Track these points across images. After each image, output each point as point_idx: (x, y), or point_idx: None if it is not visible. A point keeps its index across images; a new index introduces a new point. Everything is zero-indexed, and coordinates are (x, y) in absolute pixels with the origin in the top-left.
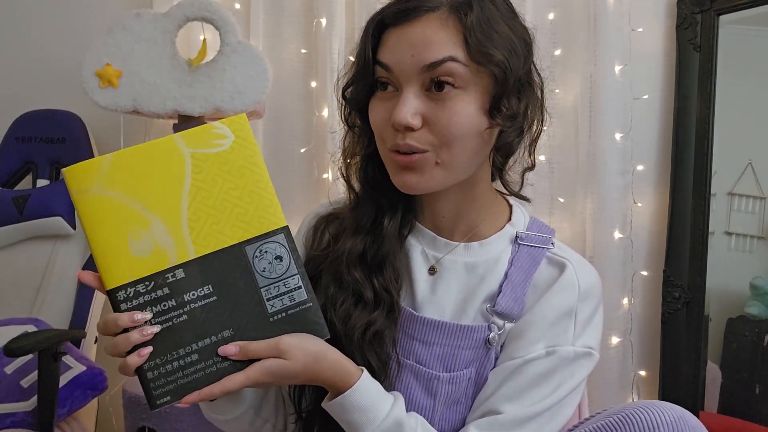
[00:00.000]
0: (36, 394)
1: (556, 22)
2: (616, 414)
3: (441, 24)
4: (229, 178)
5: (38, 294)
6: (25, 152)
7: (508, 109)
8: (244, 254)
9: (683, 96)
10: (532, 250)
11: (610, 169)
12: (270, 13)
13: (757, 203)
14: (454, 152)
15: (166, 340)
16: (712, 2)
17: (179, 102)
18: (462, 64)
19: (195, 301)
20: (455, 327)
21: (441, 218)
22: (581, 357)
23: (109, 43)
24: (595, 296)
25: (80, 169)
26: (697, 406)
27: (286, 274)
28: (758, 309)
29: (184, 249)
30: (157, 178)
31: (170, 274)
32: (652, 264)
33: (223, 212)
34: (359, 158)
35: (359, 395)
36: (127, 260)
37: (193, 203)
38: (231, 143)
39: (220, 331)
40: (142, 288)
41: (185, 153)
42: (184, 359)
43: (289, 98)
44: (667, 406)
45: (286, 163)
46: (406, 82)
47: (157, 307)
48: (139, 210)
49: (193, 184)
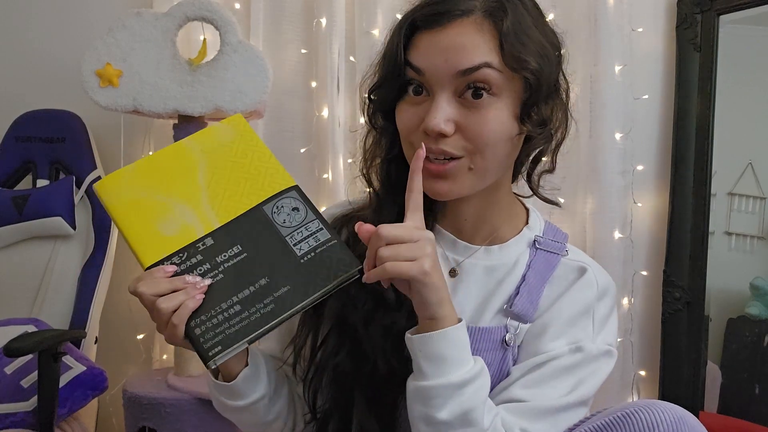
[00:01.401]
0: (36, 395)
1: (556, 22)
2: (616, 413)
3: (476, 29)
4: (237, 160)
5: (38, 294)
6: (24, 152)
7: (537, 115)
8: (263, 213)
9: (683, 96)
10: (549, 256)
11: (610, 169)
12: (270, 13)
13: (757, 203)
14: (487, 159)
15: (208, 298)
16: (713, 2)
17: (179, 102)
18: (497, 70)
19: (227, 261)
20: (474, 330)
21: (463, 221)
22: (603, 355)
23: (110, 42)
24: (611, 297)
25: (108, 181)
26: (697, 406)
27: (305, 220)
28: (758, 309)
29: (209, 221)
30: (174, 173)
31: (200, 243)
32: (652, 264)
33: (237, 186)
34: (381, 159)
35: (464, 332)
36: (159, 241)
37: (210, 185)
38: (233, 136)
39: (256, 281)
40: (177, 259)
41: (195, 150)
42: (227, 311)
43: (289, 98)
44: (666, 406)
45: (286, 163)
46: (439, 87)
47: (193, 272)
48: (163, 200)
49: (206, 171)
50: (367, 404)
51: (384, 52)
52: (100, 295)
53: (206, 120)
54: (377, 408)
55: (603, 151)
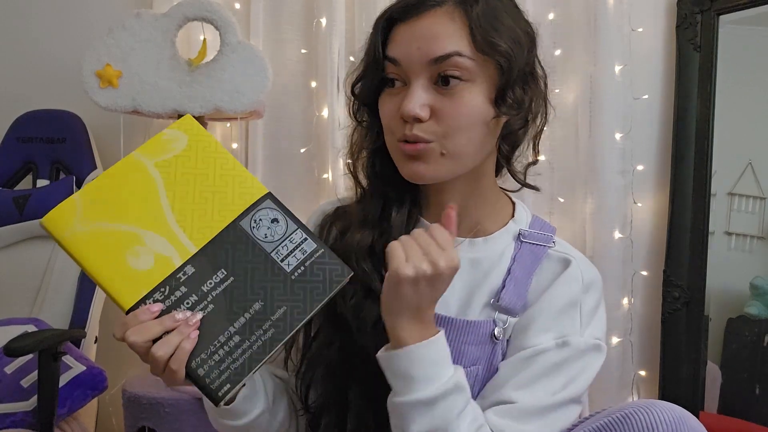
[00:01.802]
0: (36, 394)
1: (556, 22)
2: (616, 413)
3: (447, 18)
4: (198, 172)
5: (38, 294)
6: (25, 152)
7: (512, 98)
8: (242, 229)
9: (683, 96)
10: (535, 248)
11: (610, 169)
12: (270, 13)
13: (757, 203)
14: (459, 142)
15: (203, 332)
16: (712, 2)
17: (179, 102)
18: (468, 57)
19: (215, 288)
20: (461, 323)
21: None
22: (591, 349)
23: (109, 43)
24: (598, 290)
25: (57, 214)
26: (697, 406)
27: (288, 232)
28: (758, 309)
29: (184, 247)
30: (131, 195)
31: (180, 273)
32: (652, 264)
33: (206, 202)
34: (367, 152)
35: (435, 349)
36: (134, 277)
37: (175, 206)
38: (186, 142)
39: (250, 306)
40: (159, 295)
41: (148, 165)
42: (227, 344)
43: (289, 98)
44: (666, 406)
45: (286, 163)
46: (414, 75)
47: (180, 307)
48: (126, 229)
49: (167, 189)
50: (363, 398)
51: (365, 48)
52: (100, 295)
53: (206, 120)
54: (373, 401)
55: (603, 151)
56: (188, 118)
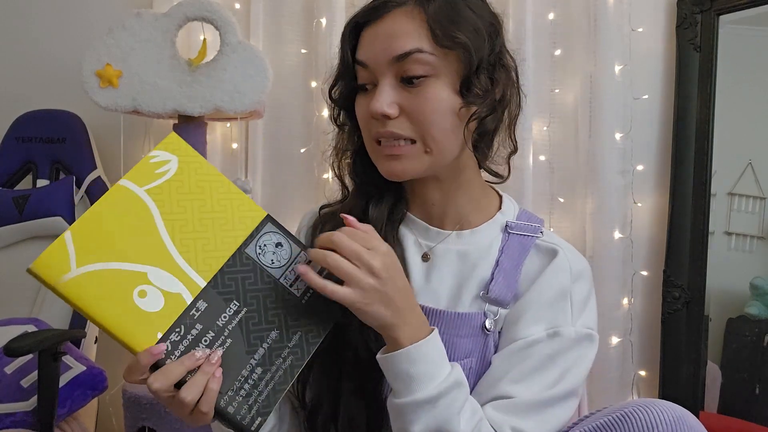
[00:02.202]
0: (36, 394)
1: (556, 22)
2: (616, 412)
3: (407, 17)
4: (193, 197)
5: (38, 294)
6: (25, 152)
7: (478, 87)
8: (248, 257)
9: (683, 96)
10: (522, 239)
11: (610, 169)
12: (270, 13)
13: (757, 203)
14: (436, 138)
15: (225, 368)
16: (712, 2)
17: (179, 102)
18: (428, 53)
19: (230, 322)
20: (452, 315)
21: (431, 206)
22: (584, 339)
23: (109, 43)
24: (587, 279)
25: (47, 259)
26: (697, 406)
27: (293, 255)
28: (758, 309)
29: (192, 282)
30: (127, 229)
31: (193, 310)
32: (652, 264)
33: (207, 231)
34: (349, 154)
35: (431, 347)
36: (146, 320)
37: (175, 237)
38: (177, 164)
39: (267, 336)
40: (176, 336)
41: (140, 193)
42: (251, 378)
43: (289, 98)
44: (666, 406)
45: (286, 163)
46: (381, 74)
47: (200, 345)
48: (129, 268)
49: (165, 220)
50: (353, 393)
51: (339, 55)
52: None
53: (206, 120)
54: (364, 396)
55: (603, 151)
56: (174, 136)
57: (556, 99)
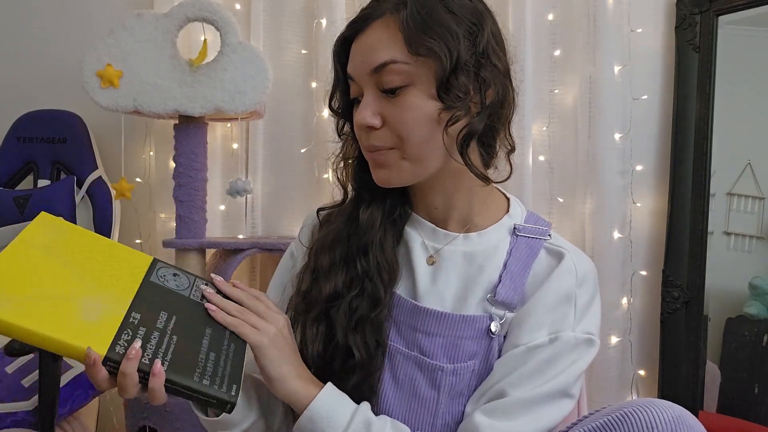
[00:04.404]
0: (37, 394)
1: (556, 22)
2: (615, 412)
3: (383, 27)
4: (83, 258)
5: None
6: (26, 152)
7: (458, 89)
8: (155, 284)
9: (682, 96)
10: (530, 242)
11: (610, 169)
12: (270, 13)
13: (756, 203)
14: (414, 145)
15: (184, 355)
16: (712, 3)
17: (180, 102)
18: (403, 62)
19: (168, 325)
20: (457, 317)
21: (434, 209)
22: (583, 343)
23: (110, 43)
24: (592, 283)
25: None
26: (696, 405)
27: (191, 281)
28: (757, 309)
29: (119, 299)
30: (42, 272)
31: (131, 318)
32: (651, 264)
33: (109, 269)
34: (351, 161)
35: (323, 403)
36: (93, 328)
37: (85, 275)
38: (52, 238)
39: (204, 333)
40: (127, 335)
41: (36, 247)
42: (209, 359)
43: (289, 98)
44: (665, 405)
45: (286, 163)
46: (365, 86)
47: (151, 341)
48: (60, 296)
49: (70, 264)
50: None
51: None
52: None
53: (207, 120)
54: (356, 395)
55: (602, 152)
56: (42, 216)
57: (555, 99)
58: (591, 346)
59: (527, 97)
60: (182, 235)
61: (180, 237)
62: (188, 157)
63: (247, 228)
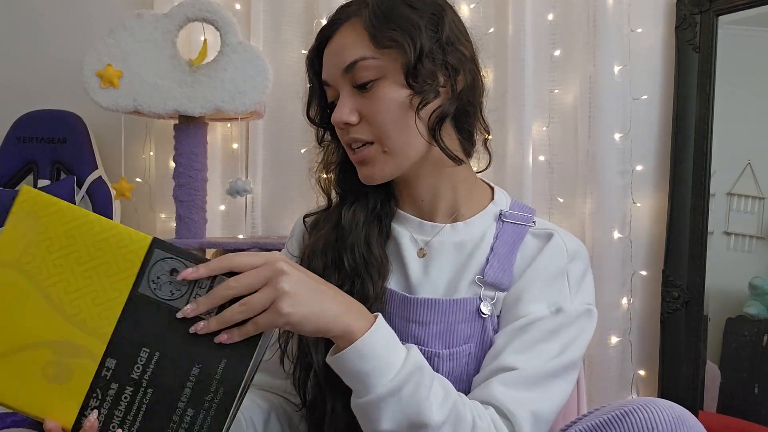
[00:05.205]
0: None
1: (556, 22)
2: (615, 411)
3: (350, 29)
4: (67, 251)
5: None
6: (26, 152)
7: (425, 76)
8: (143, 297)
9: (682, 96)
10: (516, 227)
11: (610, 169)
12: (270, 13)
13: (756, 203)
14: (393, 137)
15: (155, 418)
16: (711, 3)
17: (180, 102)
18: (371, 58)
19: (145, 371)
20: (447, 302)
21: (420, 202)
22: (583, 314)
23: (110, 43)
24: (582, 258)
25: None
26: (696, 405)
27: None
28: (757, 309)
29: (93, 342)
30: (10, 312)
31: (104, 371)
32: (651, 264)
33: (93, 283)
34: (334, 167)
35: (380, 336)
36: (61, 395)
37: (63, 302)
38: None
39: (190, 373)
40: (95, 402)
41: (9, 268)
42: (184, 419)
43: (289, 98)
44: (665, 405)
45: (286, 163)
46: (340, 87)
47: (121, 404)
48: (28, 349)
49: (45, 287)
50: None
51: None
52: None
53: (207, 120)
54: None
55: (602, 152)
56: (26, 189)
57: (555, 99)
58: (591, 317)
59: (527, 97)
60: (182, 235)
61: (180, 237)
62: (188, 157)
63: (247, 228)
